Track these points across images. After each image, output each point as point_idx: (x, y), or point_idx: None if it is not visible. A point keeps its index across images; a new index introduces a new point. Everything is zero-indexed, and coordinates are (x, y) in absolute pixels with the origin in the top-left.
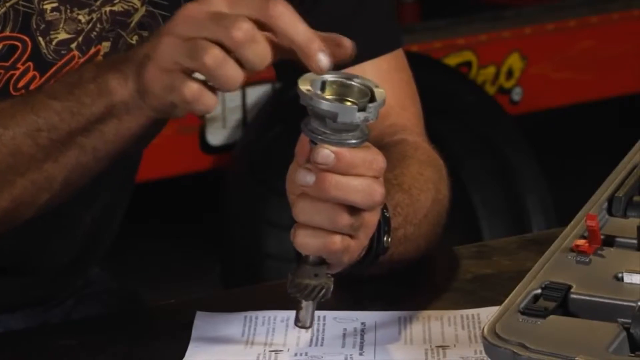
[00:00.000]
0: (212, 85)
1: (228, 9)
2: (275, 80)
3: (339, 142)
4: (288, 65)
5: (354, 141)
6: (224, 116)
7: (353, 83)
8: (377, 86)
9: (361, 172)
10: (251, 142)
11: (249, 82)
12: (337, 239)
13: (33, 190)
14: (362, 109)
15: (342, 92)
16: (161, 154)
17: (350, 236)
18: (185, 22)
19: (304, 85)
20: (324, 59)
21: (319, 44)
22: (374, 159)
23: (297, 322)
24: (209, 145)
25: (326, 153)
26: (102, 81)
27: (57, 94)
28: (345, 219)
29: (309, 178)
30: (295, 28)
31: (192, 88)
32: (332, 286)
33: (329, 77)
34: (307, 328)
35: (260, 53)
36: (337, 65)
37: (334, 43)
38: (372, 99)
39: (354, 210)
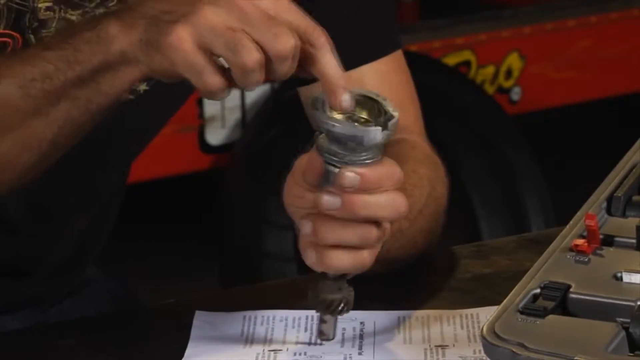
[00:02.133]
0: (229, 77)
1: (275, 12)
2: (274, 80)
3: (361, 162)
4: None
5: (375, 158)
6: (223, 116)
7: (357, 98)
8: (385, 98)
9: (385, 187)
10: (250, 141)
11: None
12: (366, 254)
13: (20, 148)
14: (384, 128)
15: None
16: (160, 154)
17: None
18: (232, 11)
19: (317, 110)
20: (347, 99)
21: (346, 83)
22: (394, 171)
23: (322, 335)
24: (208, 145)
25: (352, 176)
26: (102, 28)
27: (52, 44)
28: (374, 234)
29: (336, 202)
30: (331, 62)
31: (217, 81)
32: (353, 297)
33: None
34: (330, 340)
35: (290, 70)
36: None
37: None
38: (385, 112)
39: (378, 223)
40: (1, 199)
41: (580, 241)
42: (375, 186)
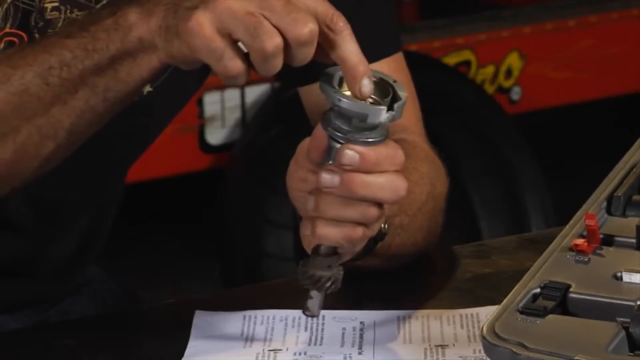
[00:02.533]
0: (248, 62)
1: None
2: (274, 80)
3: (364, 140)
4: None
5: (378, 139)
6: (223, 115)
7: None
8: (395, 81)
9: (385, 168)
10: (250, 141)
11: (247, 82)
12: (360, 231)
13: (38, 138)
14: (389, 109)
15: None
16: (160, 154)
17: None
18: None
19: (326, 84)
20: (367, 85)
21: (366, 68)
22: (395, 153)
23: (306, 310)
24: (208, 145)
25: (352, 154)
26: (121, 15)
27: (73, 32)
28: (374, 213)
29: (335, 180)
30: (351, 48)
31: (237, 65)
32: (342, 277)
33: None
34: (315, 316)
35: (309, 55)
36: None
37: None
38: (394, 94)
39: (379, 204)
40: (4, 198)
41: (580, 241)
42: (375, 166)
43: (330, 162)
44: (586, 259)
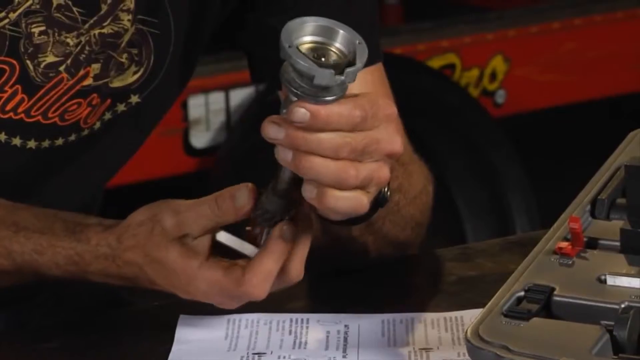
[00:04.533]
0: None
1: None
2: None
3: (315, 99)
4: (263, 66)
5: (329, 98)
6: (207, 119)
7: (339, 30)
8: (360, 42)
9: (337, 127)
10: (235, 144)
11: (232, 85)
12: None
13: None
14: (340, 73)
15: (327, 37)
16: (145, 157)
17: (365, 190)
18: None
19: (285, 37)
20: None
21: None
22: (350, 113)
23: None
24: (193, 148)
25: (302, 113)
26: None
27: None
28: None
29: (280, 134)
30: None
31: None
32: (289, 216)
33: (312, 23)
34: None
35: None
36: None
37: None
38: (354, 58)
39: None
40: None
41: (564, 244)
42: (326, 125)
43: (285, 111)
44: (570, 262)
